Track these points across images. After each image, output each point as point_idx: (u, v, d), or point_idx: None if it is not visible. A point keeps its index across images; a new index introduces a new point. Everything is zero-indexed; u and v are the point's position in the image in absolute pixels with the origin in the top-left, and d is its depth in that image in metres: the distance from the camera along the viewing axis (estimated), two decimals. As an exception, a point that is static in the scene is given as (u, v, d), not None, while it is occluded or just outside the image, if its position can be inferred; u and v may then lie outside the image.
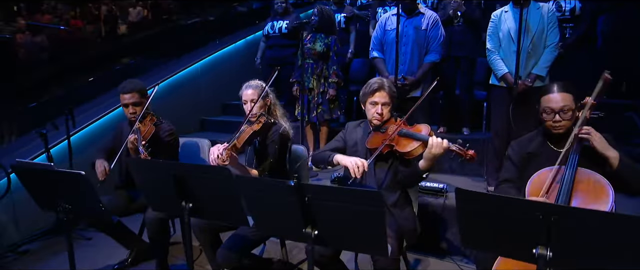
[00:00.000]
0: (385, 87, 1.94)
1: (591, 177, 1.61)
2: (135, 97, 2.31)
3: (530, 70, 2.73)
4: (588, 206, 1.57)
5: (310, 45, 3.37)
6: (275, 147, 2.12)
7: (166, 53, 5.60)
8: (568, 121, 1.70)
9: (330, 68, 3.38)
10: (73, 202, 1.61)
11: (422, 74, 3.13)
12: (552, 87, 1.74)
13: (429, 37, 3.11)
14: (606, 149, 1.61)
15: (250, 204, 1.36)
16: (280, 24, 4.06)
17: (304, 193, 1.17)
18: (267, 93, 2.22)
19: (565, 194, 1.59)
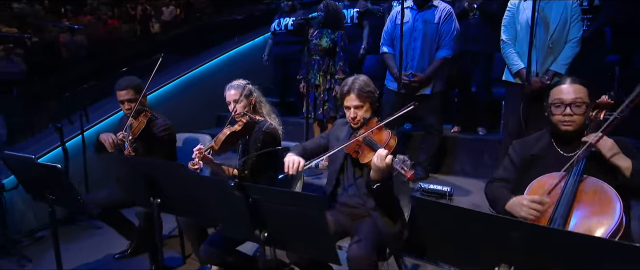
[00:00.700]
0: (355, 89, 1.83)
1: (598, 188, 1.42)
2: (130, 93, 2.35)
3: (549, 66, 2.51)
4: (590, 219, 1.39)
5: (317, 41, 3.31)
6: (257, 145, 2.09)
7: (190, 50, 5.79)
8: (580, 116, 1.50)
9: (337, 64, 3.30)
10: (56, 193, 1.68)
11: (433, 71, 2.97)
12: (565, 79, 1.56)
13: (441, 31, 2.95)
14: (617, 158, 1.42)
15: (211, 204, 1.34)
16: (287, 21, 4.05)
17: (248, 194, 1.13)
18: (250, 92, 2.20)
19: (564, 205, 1.42)
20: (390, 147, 1.70)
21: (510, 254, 0.98)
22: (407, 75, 2.96)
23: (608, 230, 1.34)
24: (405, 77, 2.96)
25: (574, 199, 1.43)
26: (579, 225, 1.40)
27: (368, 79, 1.92)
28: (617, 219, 1.34)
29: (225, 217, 1.29)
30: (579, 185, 1.45)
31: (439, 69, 2.97)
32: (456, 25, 2.96)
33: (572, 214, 1.42)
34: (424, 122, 3.20)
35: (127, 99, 2.35)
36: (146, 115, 2.35)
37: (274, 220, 1.16)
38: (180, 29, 7.82)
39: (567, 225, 1.41)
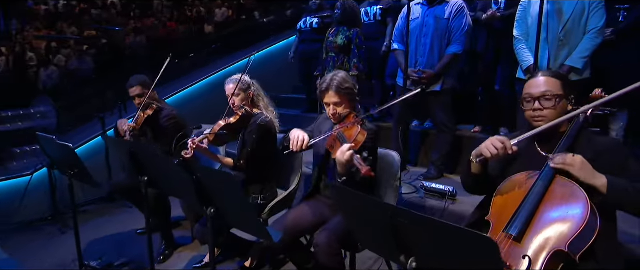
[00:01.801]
0: (333, 86, 1.86)
1: (567, 190, 1.33)
2: (139, 89, 2.63)
3: (563, 61, 2.35)
4: (554, 221, 1.31)
5: (333, 38, 3.40)
6: (252, 137, 2.24)
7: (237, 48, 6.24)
8: (552, 110, 1.40)
9: (351, 61, 3.37)
10: (73, 169, 2.00)
11: (442, 67, 2.91)
12: (538, 72, 1.48)
13: (451, 27, 2.88)
14: (590, 177, 1.28)
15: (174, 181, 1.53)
16: (312, 20, 4.18)
17: (193, 172, 1.29)
18: (248, 86, 2.36)
19: (529, 204, 1.34)
20: (357, 142, 1.73)
21: (405, 243, 1.00)
22: (416, 71, 2.94)
23: (570, 233, 1.25)
24: (414, 74, 2.94)
25: (541, 200, 1.36)
26: (541, 227, 1.34)
27: (347, 76, 1.95)
28: (580, 223, 1.25)
29: (183, 192, 1.47)
30: (550, 186, 1.37)
31: (449, 65, 2.91)
32: (468, 20, 2.87)
33: (537, 215, 1.35)
34: (435, 120, 3.14)
35: (136, 94, 2.64)
36: (152, 108, 2.61)
37: (215, 197, 1.31)
38: (231, 28, 8.33)
39: (530, 225, 1.36)
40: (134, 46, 7.87)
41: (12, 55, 7.03)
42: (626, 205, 1.30)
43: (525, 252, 1.26)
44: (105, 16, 9.22)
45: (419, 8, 2.98)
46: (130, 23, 9.06)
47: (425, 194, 2.73)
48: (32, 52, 7.15)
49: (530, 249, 1.27)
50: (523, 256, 1.26)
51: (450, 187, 2.62)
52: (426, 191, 2.71)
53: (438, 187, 2.66)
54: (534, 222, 1.33)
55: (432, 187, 2.68)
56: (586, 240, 1.26)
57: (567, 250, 1.22)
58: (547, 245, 1.25)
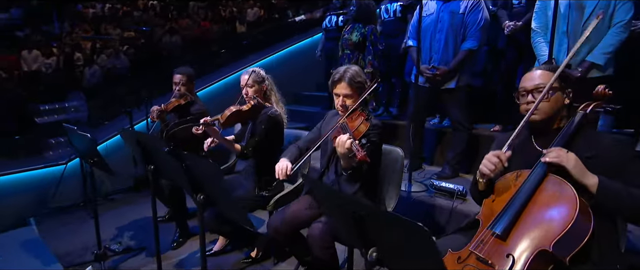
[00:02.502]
0: (346, 77, 1.88)
1: (557, 189, 1.29)
2: (182, 79, 2.81)
3: (585, 56, 2.23)
4: (542, 220, 1.28)
5: (348, 35, 3.42)
6: (261, 127, 2.33)
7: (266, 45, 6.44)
8: (546, 103, 1.37)
9: (366, 58, 3.37)
10: (93, 158, 2.18)
11: (457, 63, 2.85)
12: (536, 65, 1.47)
13: (467, 22, 2.81)
14: (582, 175, 1.25)
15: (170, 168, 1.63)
16: (337, 18, 4.21)
17: (181, 160, 1.38)
18: (263, 79, 2.45)
19: (519, 202, 1.31)
20: (359, 132, 1.73)
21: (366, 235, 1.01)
22: (429, 68, 2.90)
23: (555, 232, 1.21)
24: (427, 71, 2.90)
25: (531, 198, 1.32)
26: (528, 225, 1.30)
27: (360, 70, 1.98)
28: (566, 223, 1.20)
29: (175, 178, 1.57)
30: (541, 184, 1.33)
31: (463, 61, 2.84)
32: (484, 15, 2.78)
33: (525, 213, 1.31)
34: (450, 118, 3.08)
35: (178, 81, 2.81)
36: (186, 98, 2.79)
37: (202, 183, 1.39)
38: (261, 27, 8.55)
39: (517, 224, 1.32)
40: (169, 46, 8.27)
41: (62, 55, 7.63)
42: (617, 208, 1.25)
43: (510, 251, 1.24)
44: (144, 18, 9.77)
45: (434, 4, 2.93)
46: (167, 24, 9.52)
47: (434, 192, 2.69)
48: (79, 53, 7.73)
49: (514, 247, 1.25)
50: (507, 255, 1.24)
51: (461, 186, 2.57)
52: (436, 190, 2.67)
53: (447, 186, 2.61)
54: (521, 220, 1.30)
55: (442, 186, 2.63)
56: (575, 241, 1.21)
57: (551, 250, 1.18)
58: (531, 245, 1.22)
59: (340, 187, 1.99)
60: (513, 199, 1.33)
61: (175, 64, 8.01)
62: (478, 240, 1.32)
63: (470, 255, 1.31)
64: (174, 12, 10.67)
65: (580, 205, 1.22)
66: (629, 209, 1.23)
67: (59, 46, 7.89)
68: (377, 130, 1.90)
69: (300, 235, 2.10)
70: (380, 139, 1.95)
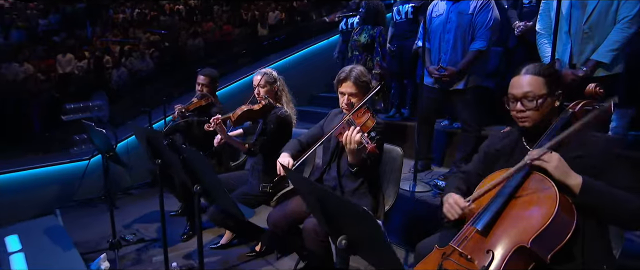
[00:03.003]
0: (351, 77, 1.92)
1: (539, 187, 1.30)
2: (206, 80, 2.95)
3: (589, 55, 2.19)
4: (521, 218, 1.27)
5: (357, 37, 3.48)
6: (270, 126, 2.42)
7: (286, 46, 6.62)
8: (535, 111, 1.36)
9: (374, 59, 3.42)
10: (109, 152, 2.35)
11: (465, 64, 2.84)
12: (522, 69, 1.42)
13: (475, 23, 2.80)
14: (565, 176, 1.25)
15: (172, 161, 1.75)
16: (353, 20, 4.27)
17: (180, 153, 1.49)
18: (274, 80, 2.54)
19: (501, 199, 1.33)
20: (367, 126, 1.76)
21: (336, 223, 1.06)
22: (438, 69, 2.91)
23: (533, 229, 1.22)
24: (435, 71, 2.92)
25: (514, 195, 1.34)
26: (508, 222, 1.31)
27: (365, 70, 2.03)
28: (544, 220, 1.21)
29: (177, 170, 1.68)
30: (525, 181, 1.35)
31: (472, 62, 2.83)
32: (494, 15, 2.77)
33: (507, 210, 1.33)
34: (459, 119, 3.08)
35: (202, 82, 2.96)
36: (207, 99, 2.93)
37: (199, 176, 1.50)
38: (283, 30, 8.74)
39: (499, 220, 1.31)
40: (192, 48, 8.59)
41: (93, 58, 8.09)
42: (600, 210, 1.24)
43: (490, 247, 1.26)
44: (169, 22, 10.19)
45: (443, 4, 2.95)
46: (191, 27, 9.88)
47: (438, 193, 2.70)
48: (108, 56, 8.17)
49: (495, 243, 1.26)
50: (487, 250, 1.26)
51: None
52: (439, 190, 2.68)
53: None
54: (503, 217, 1.31)
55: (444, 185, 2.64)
56: (555, 239, 1.22)
57: (529, 246, 1.19)
58: (510, 241, 1.24)
59: (342, 184, 2.05)
60: (496, 195, 1.35)
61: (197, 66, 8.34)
62: (462, 236, 1.35)
63: (454, 251, 1.33)
64: (199, 16, 11.07)
65: (560, 202, 1.22)
66: (610, 211, 1.22)
67: (90, 50, 8.37)
68: (380, 128, 1.93)
69: (298, 230, 2.17)
70: (383, 136, 1.99)
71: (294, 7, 10.47)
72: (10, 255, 2.05)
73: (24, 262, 1.98)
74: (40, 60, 7.78)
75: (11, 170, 3.74)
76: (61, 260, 1.99)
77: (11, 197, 3.60)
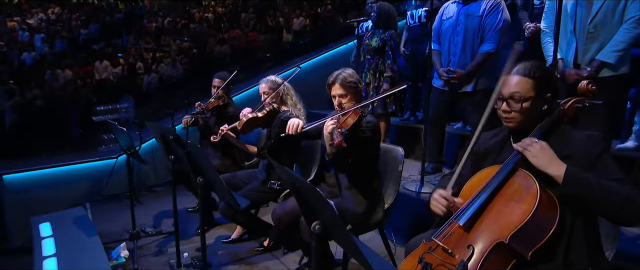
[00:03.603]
0: (338, 79, 2.06)
1: (522, 184, 1.30)
2: (220, 83, 3.14)
3: (594, 55, 2.17)
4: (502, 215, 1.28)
5: (368, 41, 3.56)
6: (275, 130, 2.56)
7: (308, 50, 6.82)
8: (518, 114, 1.36)
9: (386, 63, 3.49)
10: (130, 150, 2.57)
11: (474, 67, 2.86)
12: (516, 68, 1.40)
13: (484, 25, 2.82)
14: (546, 165, 1.25)
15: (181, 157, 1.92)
16: (367, 24, 4.35)
17: (184, 147, 1.65)
18: (277, 85, 2.68)
19: (485, 195, 1.33)
20: (345, 123, 1.90)
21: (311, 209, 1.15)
22: (446, 71, 2.94)
23: (512, 225, 1.23)
24: (444, 74, 2.95)
25: (499, 191, 1.35)
26: (490, 218, 1.32)
27: (353, 72, 2.14)
28: (523, 216, 1.21)
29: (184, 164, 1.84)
30: (510, 178, 1.35)
31: (481, 64, 2.84)
32: (504, 16, 2.77)
33: (490, 206, 1.34)
34: (468, 122, 3.08)
35: (216, 85, 3.16)
36: (223, 100, 3.11)
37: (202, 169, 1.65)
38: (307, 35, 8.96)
39: (482, 216, 1.33)
40: (219, 55, 8.95)
41: (126, 65, 8.62)
42: (587, 201, 1.22)
43: (471, 242, 1.28)
44: (198, 30, 10.67)
45: (454, 6, 2.98)
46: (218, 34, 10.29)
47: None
48: (141, 62, 8.68)
49: (475, 239, 1.28)
50: (467, 246, 1.28)
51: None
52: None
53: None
54: (486, 212, 1.33)
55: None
56: (535, 236, 1.22)
57: (507, 242, 1.20)
58: (489, 237, 1.25)
59: (339, 180, 2.15)
60: (481, 190, 1.36)
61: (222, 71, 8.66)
62: (446, 231, 1.36)
63: (438, 246, 1.35)
64: (226, 23, 11.51)
65: (541, 199, 1.22)
66: (599, 201, 1.19)
67: (124, 57, 8.93)
68: (371, 126, 2.03)
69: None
70: (375, 135, 2.08)
71: (318, 13, 10.66)
72: (43, 239, 2.29)
73: (54, 246, 2.20)
74: (80, 67, 8.38)
75: (51, 165, 4.12)
76: (85, 247, 2.20)
77: (50, 190, 3.98)
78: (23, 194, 3.81)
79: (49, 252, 2.13)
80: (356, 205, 2.06)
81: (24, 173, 3.88)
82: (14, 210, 3.44)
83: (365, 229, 2.17)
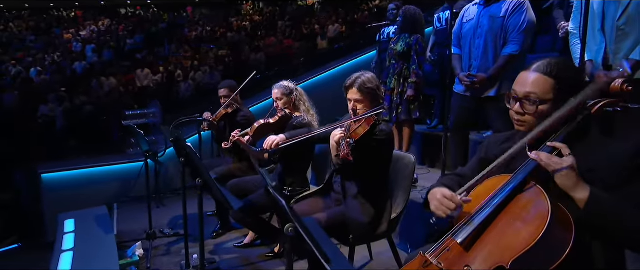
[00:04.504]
0: (356, 84, 2.02)
1: (531, 202, 1.14)
2: (226, 91, 3.29)
3: (626, 55, 2.01)
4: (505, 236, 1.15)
5: (394, 46, 3.53)
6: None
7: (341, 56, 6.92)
8: (532, 118, 1.21)
9: (410, 68, 3.43)
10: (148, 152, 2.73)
11: (497, 70, 2.74)
12: (533, 64, 1.23)
13: (507, 26, 2.70)
14: (571, 187, 1.10)
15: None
16: (389, 29, 4.33)
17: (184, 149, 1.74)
18: (290, 91, 2.73)
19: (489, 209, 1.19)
20: (356, 133, 1.85)
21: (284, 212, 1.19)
22: (467, 76, 2.85)
23: (516, 249, 1.09)
24: (465, 79, 2.86)
25: (505, 207, 1.20)
26: (493, 237, 1.18)
27: (374, 77, 2.10)
28: (529, 240, 1.07)
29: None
30: (521, 192, 1.20)
31: (504, 67, 2.71)
32: (528, 17, 2.63)
33: (494, 223, 1.20)
34: (492, 128, 2.95)
35: (223, 95, 3.30)
36: (232, 107, 3.24)
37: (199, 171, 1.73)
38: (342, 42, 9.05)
39: (484, 234, 1.20)
40: (254, 62, 9.25)
41: (166, 72, 9.16)
42: (609, 230, 1.08)
43: (469, 263, 1.17)
44: (236, 38, 11.11)
45: (475, 8, 2.89)
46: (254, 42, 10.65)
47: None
48: (180, 70, 9.18)
49: (474, 259, 1.17)
50: (465, 266, 1.17)
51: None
52: (463, 202, 2.60)
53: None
54: (489, 230, 1.20)
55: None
56: (542, 263, 1.09)
57: (508, 268, 1.08)
58: (490, 259, 1.13)
59: (345, 188, 2.14)
60: (484, 204, 1.23)
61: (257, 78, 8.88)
62: (443, 246, 1.26)
63: (432, 262, 1.25)
64: (263, 31, 11.89)
65: (551, 222, 1.08)
66: (627, 233, 1.05)
67: (164, 65, 9.49)
68: (384, 135, 1.99)
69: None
70: (387, 144, 2.04)
71: (355, 19, 10.72)
72: (65, 235, 2.49)
73: (73, 241, 2.39)
74: (123, 75, 9.02)
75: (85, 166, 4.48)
76: (100, 244, 2.37)
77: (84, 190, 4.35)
78: (59, 192, 4.18)
79: (68, 246, 2.33)
80: (361, 215, 2.03)
81: (60, 173, 4.25)
82: (50, 207, 3.76)
83: (370, 239, 2.14)
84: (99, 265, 2.08)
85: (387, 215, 2.12)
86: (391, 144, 2.07)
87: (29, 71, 9.21)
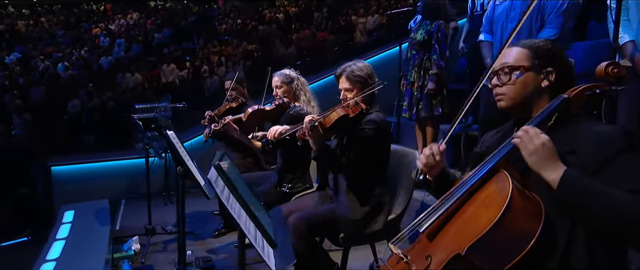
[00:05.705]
0: (345, 73, 2.14)
1: (497, 187, 1.18)
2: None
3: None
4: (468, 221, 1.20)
5: (413, 35, 3.52)
6: (283, 124, 2.71)
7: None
8: (511, 87, 1.26)
9: (431, 58, 3.39)
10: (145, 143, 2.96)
11: (530, 58, 2.68)
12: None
13: (545, 7, 2.63)
14: (542, 166, 1.13)
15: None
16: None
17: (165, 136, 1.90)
18: (291, 79, 2.84)
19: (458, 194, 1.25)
20: (329, 119, 1.99)
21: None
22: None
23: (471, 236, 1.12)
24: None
25: (473, 195, 1.25)
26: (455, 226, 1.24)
27: (365, 66, 2.19)
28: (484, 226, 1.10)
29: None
30: (491, 178, 1.24)
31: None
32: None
33: (461, 211, 1.25)
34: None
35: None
36: (237, 101, 3.41)
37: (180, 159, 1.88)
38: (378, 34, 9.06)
39: (448, 223, 1.26)
40: (284, 56, 9.49)
41: (192, 68, 9.65)
42: (587, 215, 1.09)
43: (430, 252, 1.24)
44: (268, 31, 11.44)
45: (503, -8, 2.84)
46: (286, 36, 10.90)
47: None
48: (207, 65, 9.64)
49: (435, 248, 1.23)
50: (426, 256, 1.24)
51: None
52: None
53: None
54: (453, 219, 1.26)
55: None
56: (503, 250, 1.12)
57: (464, 254, 1.11)
58: (449, 248, 1.18)
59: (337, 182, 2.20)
60: (450, 193, 1.29)
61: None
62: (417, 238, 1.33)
63: (398, 254, 1.33)
64: (297, 24, 12.14)
65: (511, 204, 1.10)
66: (602, 215, 1.07)
67: (191, 60, 10.01)
68: (372, 125, 2.05)
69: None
70: (379, 136, 2.09)
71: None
72: (62, 225, 2.76)
73: (67, 231, 2.64)
74: (148, 71, 9.62)
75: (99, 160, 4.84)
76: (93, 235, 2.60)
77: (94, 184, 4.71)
78: (70, 185, 4.55)
79: (62, 235, 2.57)
80: (350, 212, 2.07)
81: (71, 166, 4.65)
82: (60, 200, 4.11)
83: (361, 239, 2.18)
84: (88, 256, 2.29)
85: (384, 214, 2.14)
86: (384, 136, 2.11)
87: (57, 66, 10.10)
